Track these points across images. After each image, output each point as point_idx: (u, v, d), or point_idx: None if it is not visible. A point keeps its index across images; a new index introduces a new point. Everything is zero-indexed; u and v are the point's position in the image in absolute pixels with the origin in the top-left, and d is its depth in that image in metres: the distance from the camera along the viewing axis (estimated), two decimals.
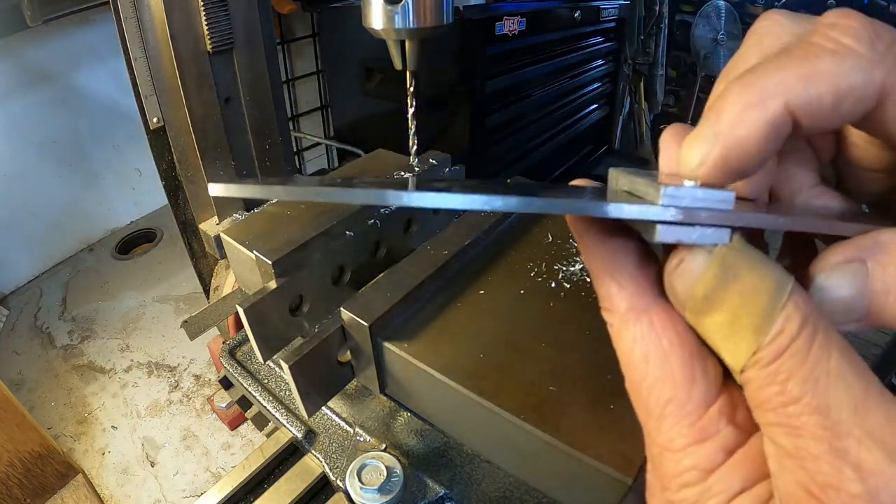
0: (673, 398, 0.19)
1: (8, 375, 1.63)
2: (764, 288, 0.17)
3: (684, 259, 0.19)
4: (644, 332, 0.20)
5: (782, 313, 0.16)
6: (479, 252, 0.48)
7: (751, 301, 0.17)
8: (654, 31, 2.50)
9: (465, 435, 0.41)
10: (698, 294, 0.18)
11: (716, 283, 0.18)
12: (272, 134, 0.73)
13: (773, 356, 0.16)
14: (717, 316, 0.18)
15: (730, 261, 0.18)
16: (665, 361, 0.19)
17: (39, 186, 1.96)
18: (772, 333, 0.16)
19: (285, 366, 0.38)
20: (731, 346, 0.17)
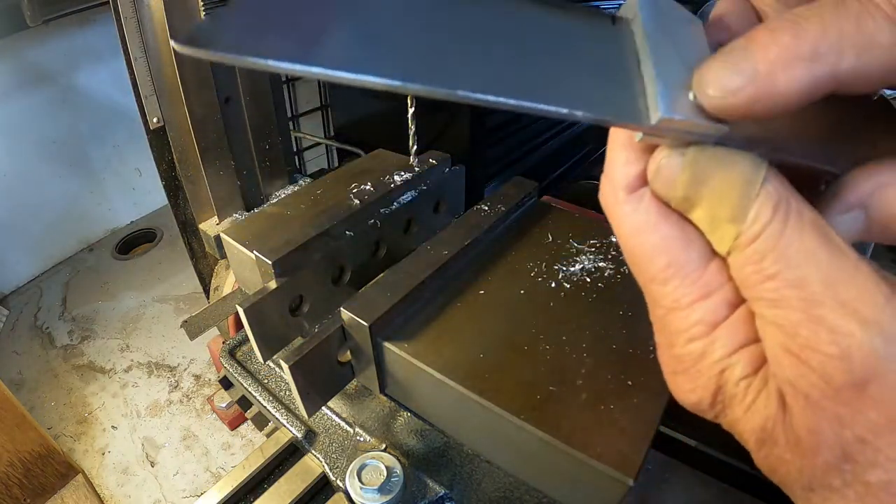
0: (672, 261, 0.21)
1: (8, 375, 1.63)
2: (735, 183, 0.18)
3: (660, 165, 0.20)
4: (639, 206, 0.21)
5: (755, 202, 0.18)
6: (479, 252, 0.48)
7: (725, 196, 0.19)
8: None
9: (465, 435, 0.41)
10: (678, 195, 0.20)
11: (691, 183, 0.19)
12: (272, 134, 0.73)
13: (749, 240, 0.18)
14: (698, 212, 0.20)
15: (702, 162, 0.19)
16: (658, 229, 0.21)
17: (39, 186, 1.96)
18: (747, 222, 0.18)
19: (285, 366, 0.38)
20: (716, 237, 0.19)
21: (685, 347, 0.21)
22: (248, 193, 0.73)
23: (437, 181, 0.59)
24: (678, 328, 0.21)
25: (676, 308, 0.21)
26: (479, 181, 1.66)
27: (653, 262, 0.21)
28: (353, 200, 0.52)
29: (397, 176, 0.56)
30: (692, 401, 0.22)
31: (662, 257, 0.21)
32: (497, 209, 0.51)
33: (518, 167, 1.81)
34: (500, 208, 0.51)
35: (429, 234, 0.59)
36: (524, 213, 0.53)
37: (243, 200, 0.72)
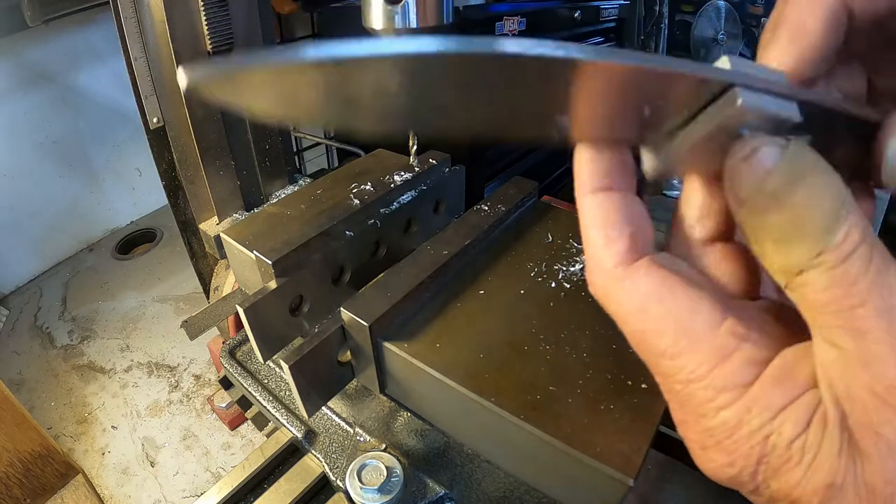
0: (680, 330, 0.19)
1: (8, 375, 1.62)
2: (830, 193, 0.17)
3: (757, 149, 0.18)
4: (637, 280, 0.20)
5: (847, 220, 0.16)
6: (479, 252, 0.48)
7: (818, 203, 0.17)
8: (654, 31, 2.50)
9: (465, 435, 0.41)
10: (767, 188, 0.17)
11: (786, 178, 0.17)
12: (272, 134, 0.73)
13: (841, 258, 0.16)
14: (781, 215, 0.17)
15: (800, 158, 0.17)
16: (662, 299, 0.20)
17: (39, 186, 1.96)
18: (839, 237, 0.16)
19: (285, 366, 0.38)
20: (790, 248, 0.17)
21: (715, 418, 0.19)
22: (248, 193, 0.73)
23: (437, 181, 0.59)
24: (702, 399, 0.19)
25: (694, 380, 0.19)
26: (479, 181, 1.65)
27: (661, 337, 0.20)
28: (353, 200, 0.52)
29: (397, 176, 0.56)
30: (729, 475, 0.19)
31: (670, 329, 0.19)
32: (497, 209, 0.51)
33: (518, 167, 1.81)
34: (500, 208, 0.51)
35: (429, 234, 0.59)
36: (524, 213, 0.53)
37: (243, 200, 0.72)
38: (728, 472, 0.19)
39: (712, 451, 0.20)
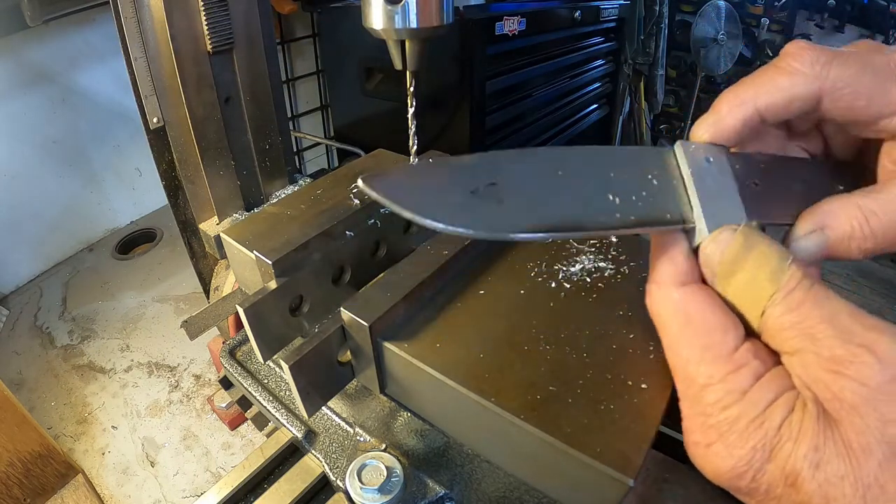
0: (711, 343, 0.25)
1: (8, 375, 1.62)
2: (774, 253, 0.25)
3: (718, 235, 0.27)
4: (688, 296, 0.27)
5: (790, 268, 0.24)
6: (480, 252, 0.48)
7: (766, 261, 0.25)
8: (654, 31, 2.50)
9: (465, 435, 0.41)
10: (728, 258, 0.26)
11: (740, 248, 0.26)
12: (272, 134, 0.73)
13: (786, 293, 0.24)
14: (742, 274, 0.26)
15: (749, 233, 0.26)
16: (704, 317, 0.26)
17: (39, 186, 1.96)
18: (783, 281, 0.24)
19: (285, 366, 0.38)
20: (754, 295, 0.25)
21: (720, 416, 0.24)
22: (248, 193, 0.73)
23: None
24: (711, 400, 0.25)
25: (710, 383, 0.25)
26: None
27: (694, 345, 0.26)
28: (353, 200, 0.52)
29: None
30: (728, 465, 0.24)
31: (703, 340, 0.26)
32: None
33: None
34: None
35: (429, 234, 0.59)
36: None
37: (243, 200, 0.72)
38: (727, 463, 0.24)
39: (716, 444, 0.24)
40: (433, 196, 0.25)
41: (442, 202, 0.25)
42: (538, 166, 0.27)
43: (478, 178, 0.26)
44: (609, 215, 0.27)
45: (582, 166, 0.28)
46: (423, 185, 0.25)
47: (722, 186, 0.28)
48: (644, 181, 0.28)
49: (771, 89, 0.29)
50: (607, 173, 0.28)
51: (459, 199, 0.25)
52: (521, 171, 0.27)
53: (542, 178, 0.27)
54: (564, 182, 0.27)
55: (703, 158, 0.29)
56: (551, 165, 0.28)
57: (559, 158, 0.28)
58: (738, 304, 0.26)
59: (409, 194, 0.25)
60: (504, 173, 0.26)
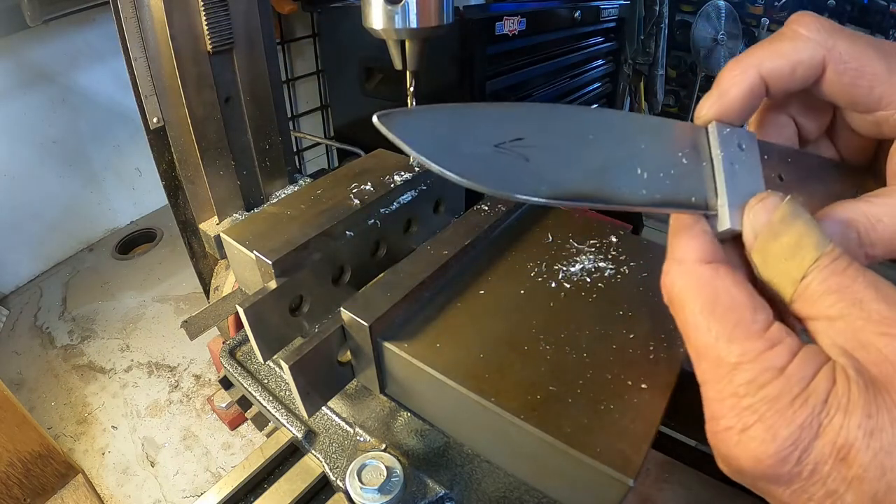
0: (741, 320, 0.24)
1: (8, 375, 1.62)
2: (817, 227, 0.25)
3: (766, 198, 0.27)
4: (715, 273, 0.26)
5: (830, 242, 0.24)
6: (479, 252, 0.48)
7: (811, 230, 0.25)
8: (654, 31, 2.49)
9: (465, 435, 0.41)
10: (777, 218, 0.25)
11: (788, 213, 0.25)
12: (272, 134, 0.73)
13: (833, 259, 0.24)
14: (787, 237, 0.25)
15: (795, 204, 0.26)
16: (733, 293, 0.25)
17: (39, 186, 1.96)
18: (829, 248, 0.24)
19: (285, 366, 0.38)
20: (795, 261, 0.25)
21: (757, 395, 0.23)
22: (248, 193, 0.73)
23: (437, 181, 0.59)
24: (746, 379, 0.23)
25: (742, 361, 0.24)
26: None
27: (724, 322, 0.25)
28: (353, 200, 0.52)
29: (397, 176, 0.56)
30: (771, 449, 0.22)
31: (733, 317, 0.24)
32: (497, 209, 0.51)
33: None
34: (501, 208, 0.51)
35: (429, 234, 0.59)
36: (524, 213, 0.53)
37: (243, 200, 0.72)
38: (771, 447, 0.22)
39: (755, 427, 0.23)
40: (453, 143, 0.23)
41: (462, 151, 0.23)
42: (569, 126, 0.26)
43: (505, 131, 0.24)
44: (635, 190, 0.26)
45: (613, 133, 0.26)
46: (444, 129, 0.23)
47: (750, 176, 0.28)
48: (674, 158, 0.27)
49: (774, 54, 0.28)
50: (638, 144, 0.27)
51: (482, 150, 0.23)
52: (551, 130, 0.25)
53: (571, 140, 0.25)
54: (594, 147, 0.26)
55: (735, 144, 0.28)
56: (583, 127, 0.26)
57: (591, 121, 0.26)
58: (776, 268, 0.25)
59: (428, 138, 0.23)
60: (533, 129, 0.25)
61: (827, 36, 0.27)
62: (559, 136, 0.25)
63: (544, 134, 0.25)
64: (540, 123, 0.25)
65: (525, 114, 0.25)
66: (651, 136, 0.27)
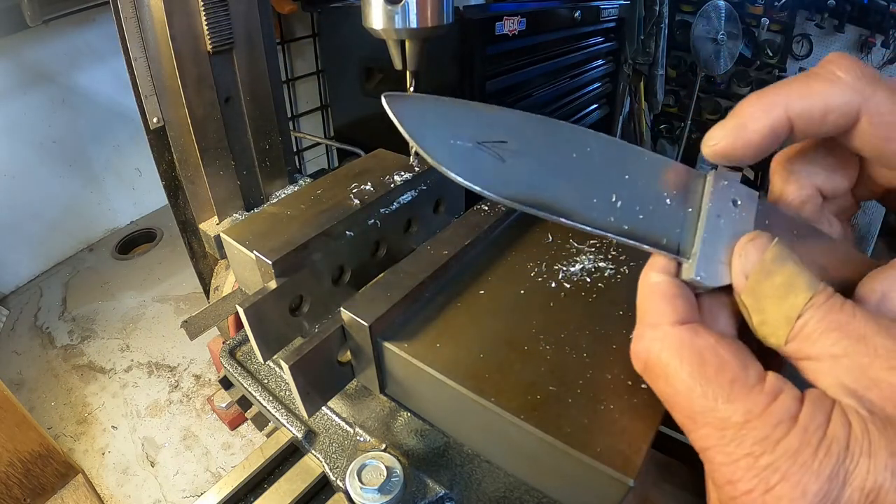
0: (735, 377, 0.23)
1: (8, 375, 1.62)
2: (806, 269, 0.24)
3: (757, 237, 0.26)
4: (695, 333, 0.25)
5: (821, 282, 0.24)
6: (479, 252, 0.47)
7: (801, 270, 0.24)
8: (654, 31, 2.49)
9: (465, 435, 0.41)
10: (768, 258, 0.25)
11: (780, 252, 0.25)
12: (272, 134, 0.73)
13: (829, 296, 0.23)
14: (781, 276, 0.24)
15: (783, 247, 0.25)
16: (719, 352, 0.24)
17: (39, 186, 1.96)
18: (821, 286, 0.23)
19: (285, 366, 0.38)
20: (788, 300, 0.24)
21: (776, 452, 0.21)
22: (248, 193, 0.73)
23: (437, 181, 0.59)
24: (759, 437, 0.22)
25: (751, 418, 0.22)
26: None
27: (717, 383, 0.23)
28: (353, 200, 0.52)
29: (397, 176, 0.56)
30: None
31: (726, 378, 0.23)
32: (497, 209, 0.51)
33: None
34: (501, 208, 0.51)
35: (429, 234, 0.59)
36: (524, 214, 0.53)
37: (243, 200, 0.72)
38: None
39: (780, 486, 0.21)
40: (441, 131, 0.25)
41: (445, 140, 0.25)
42: (556, 141, 0.26)
43: (492, 131, 0.25)
44: (603, 215, 0.26)
45: (600, 157, 0.27)
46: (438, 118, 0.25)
47: (735, 235, 0.27)
48: (657, 197, 0.27)
49: (807, 94, 0.25)
50: (622, 175, 0.27)
51: (464, 143, 0.25)
52: (537, 141, 0.26)
53: (553, 154, 0.26)
54: (575, 166, 0.26)
55: (729, 200, 0.27)
56: (570, 145, 0.26)
57: (581, 141, 0.27)
58: (768, 310, 0.24)
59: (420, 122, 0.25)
60: (519, 136, 0.26)
61: (866, 84, 0.25)
62: (541, 147, 0.26)
63: (527, 142, 0.26)
64: (527, 132, 0.26)
65: (517, 121, 0.26)
66: (640, 170, 0.27)
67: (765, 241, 0.25)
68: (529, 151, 0.26)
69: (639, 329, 0.27)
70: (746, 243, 0.26)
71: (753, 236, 0.26)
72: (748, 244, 0.26)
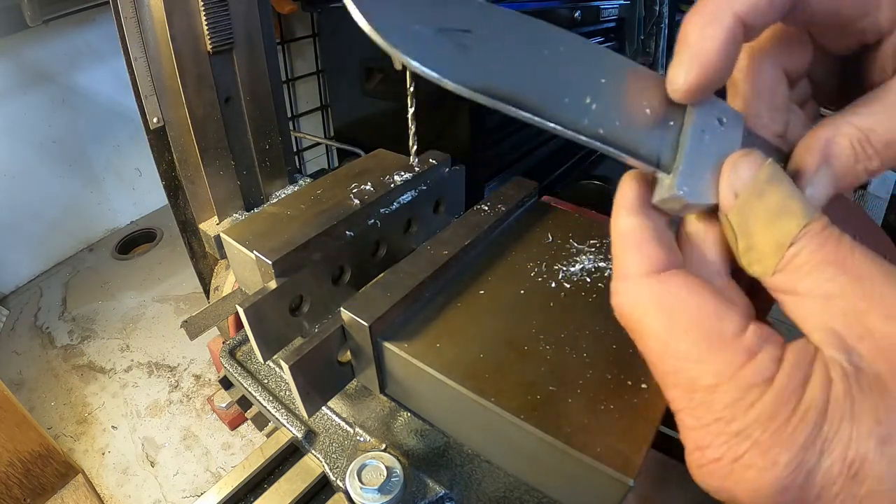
0: (709, 332, 0.21)
1: (8, 375, 1.62)
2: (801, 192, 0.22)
3: (750, 153, 0.23)
4: (668, 283, 0.22)
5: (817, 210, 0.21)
6: (479, 252, 0.48)
7: (797, 194, 0.22)
8: (654, 31, 2.49)
9: (465, 435, 0.41)
10: (762, 176, 0.22)
11: (774, 171, 0.22)
12: (272, 134, 0.73)
13: (825, 225, 0.21)
14: (775, 196, 0.22)
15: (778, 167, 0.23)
16: (695, 304, 0.22)
17: (39, 186, 1.96)
18: (818, 213, 0.21)
19: (285, 366, 0.38)
20: (781, 224, 0.21)
21: (746, 418, 0.19)
22: (248, 193, 0.73)
23: (437, 181, 0.59)
24: (727, 403, 0.20)
25: (720, 382, 0.20)
26: (479, 181, 1.65)
27: (687, 342, 0.21)
28: (353, 200, 0.52)
29: (397, 176, 0.56)
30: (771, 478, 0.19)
31: (698, 333, 0.21)
32: (497, 209, 0.51)
33: (518, 167, 1.81)
34: (501, 208, 0.51)
35: (429, 234, 0.59)
36: (524, 213, 0.53)
37: (243, 200, 0.72)
38: (770, 476, 0.19)
39: (748, 455, 0.19)
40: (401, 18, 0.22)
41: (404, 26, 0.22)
42: (526, 35, 0.24)
43: (456, 19, 0.23)
44: (575, 115, 0.23)
45: (574, 57, 0.24)
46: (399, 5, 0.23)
47: (721, 153, 0.25)
48: (637, 105, 0.24)
49: None
50: (599, 78, 0.24)
51: (424, 30, 0.23)
52: (505, 32, 0.24)
53: (523, 47, 0.24)
54: (546, 61, 0.24)
55: (715, 117, 0.25)
56: (542, 41, 0.24)
57: (555, 38, 0.24)
58: (757, 234, 0.22)
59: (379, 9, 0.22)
60: (486, 26, 0.24)
61: None
62: (510, 39, 0.24)
63: (494, 33, 0.24)
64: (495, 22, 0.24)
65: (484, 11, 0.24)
66: (619, 76, 0.25)
67: (758, 157, 0.23)
68: (496, 42, 0.23)
69: (613, 283, 0.25)
70: (739, 158, 0.23)
71: (746, 152, 0.23)
72: (741, 159, 0.23)
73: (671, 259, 0.23)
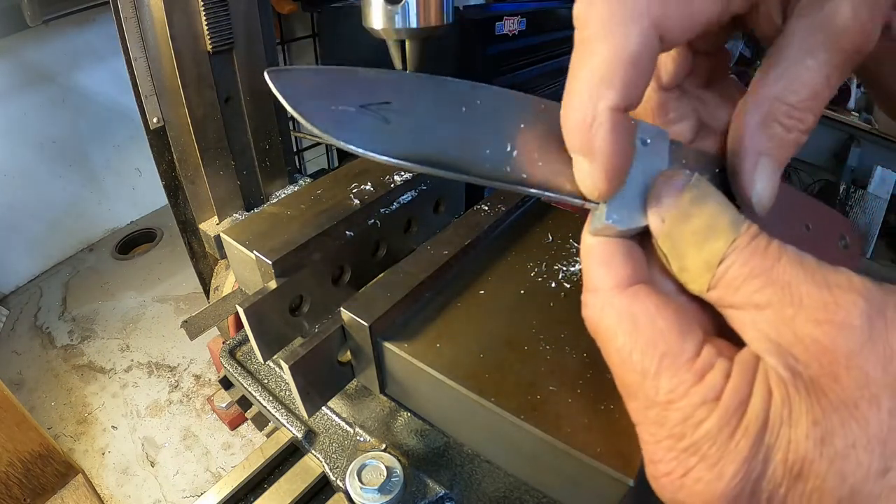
0: (667, 351, 0.21)
1: (8, 375, 1.63)
2: (729, 206, 0.22)
3: (674, 176, 0.23)
4: (633, 299, 0.23)
5: (745, 220, 0.22)
6: (479, 252, 0.47)
7: (725, 210, 0.22)
8: None
9: (465, 435, 0.41)
10: (685, 199, 0.23)
11: (699, 192, 0.23)
12: (272, 134, 0.73)
13: (751, 238, 0.21)
14: (700, 219, 0.22)
15: (704, 182, 0.23)
16: (655, 322, 0.22)
17: (39, 186, 1.96)
18: (744, 227, 0.21)
19: (285, 366, 0.38)
20: (709, 244, 0.22)
21: (695, 434, 0.20)
22: (248, 193, 0.73)
23: (437, 181, 0.59)
24: (680, 418, 0.21)
25: (674, 399, 0.21)
26: None
27: (648, 356, 0.22)
28: (353, 200, 0.52)
29: (397, 176, 0.56)
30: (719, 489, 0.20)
31: (658, 348, 0.22)
32: (497, 209, 0.51)
33: None
34: (501, 208, 0.51)
35: (429, 234, 0.59)
36: (524, 213, 0.53)
37: (243, 200, 0.72)
38: (718, 487, 0.20)
39: (697, 468, 0.20)
40: (324, 100, 0.24)
41: (328, 108, 0.24)
42: (443, 96, 0.25)
43: (375, 94, 0.25)
44: (497, 165, 0.24)
45: (491, 108, 0.25)
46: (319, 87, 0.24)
47: (649, 175, 0.25)
48: (557, 143, 0.25)
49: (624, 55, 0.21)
50: (517, 123, 0.25)
51: (347, 108, 0.24)
52: (422, 98, 0.25)
53: (441, 109, 0.25)
54: (464, 118, 0.25)
55: (638, 138, 0.25)
56: (458, 100, 0.25)
57: (471, 94, 0.26)
58: (688, 256, 0.22)
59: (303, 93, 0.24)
60: (403, 96, 0.25)
61: None
62: (427, 103, 0.25)
63: (412, 100, 0.25)
64: (412, 90, 0.25)
65: (399, 81, 0.25)
66: (537, 118, 0.25)
67: (682, 179, 0.23)
68: (415, 109, 0.25)
69: (582, 295, 0.25)
70: (662, 183, 0.23)
71: (670, 174, 0.24)
72: (663, 184, 0.23)
73: (637, 274, 0.24)
